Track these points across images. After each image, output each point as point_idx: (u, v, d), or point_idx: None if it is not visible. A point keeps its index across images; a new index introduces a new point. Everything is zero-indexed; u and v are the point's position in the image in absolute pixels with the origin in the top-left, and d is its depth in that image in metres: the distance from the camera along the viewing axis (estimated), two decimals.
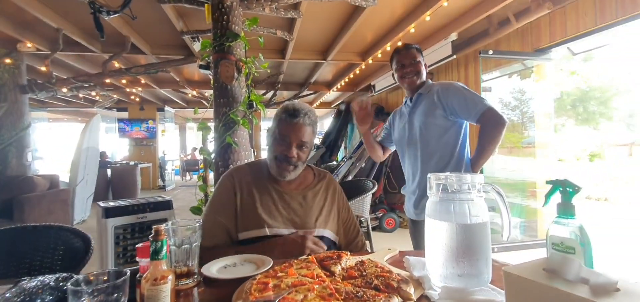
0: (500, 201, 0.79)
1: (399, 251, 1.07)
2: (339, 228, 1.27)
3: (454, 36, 3.87)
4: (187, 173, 12.27)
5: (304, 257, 0.94)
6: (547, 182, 0.74)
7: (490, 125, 1.52)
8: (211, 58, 2.49)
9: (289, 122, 1.19)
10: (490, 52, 3.58)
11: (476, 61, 4.25)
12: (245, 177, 1.26)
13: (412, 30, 3.75)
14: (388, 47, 4.32)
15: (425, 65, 1.79)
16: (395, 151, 1.95)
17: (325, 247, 1.12)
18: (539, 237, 3.51)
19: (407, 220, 1.87)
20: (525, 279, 0.56)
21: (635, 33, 2.98)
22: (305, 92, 7.38)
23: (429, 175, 0.83)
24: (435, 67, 4.62)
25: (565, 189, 0.68)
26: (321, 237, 1.18)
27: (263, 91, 6.73)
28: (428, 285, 0.78)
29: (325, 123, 11.17)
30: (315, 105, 9.73)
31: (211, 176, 2.52)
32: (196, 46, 3.98)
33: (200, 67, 4.21)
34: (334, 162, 6.79)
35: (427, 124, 1.67)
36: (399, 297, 0.73)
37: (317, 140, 9.45)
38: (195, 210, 2.39)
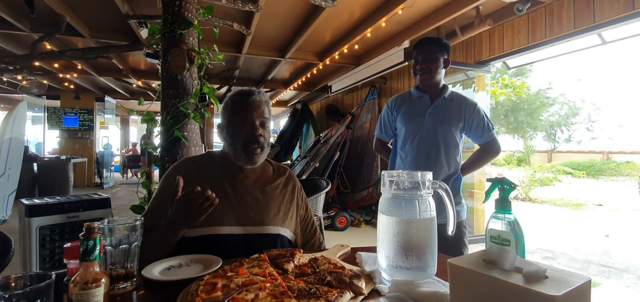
0: (446, 197, 0.84)
1: (351, 248, 1.09)
2: (297, 226, 1.24)
3: (406, 43, 4.06)
4: (128, 170, 11.42)
5: (256, 255, 0.91)
6: (488, 180, 0.80)
7: (491, 152, 1.81)
8: (160, 46, 2.33)
9: (247, 101, 1.16)
10: None
11: None
12: (194, 170, 1.19)
13: (369, 35, 3.87)
14: (345, 50, 4.40)
15: (444, 65, 1.75)
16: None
17: (214, 196, 1.00)
18: (475, 233, 3.83)
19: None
20: (467, 270, 0.60)
21: (559, 53, 3.38)
22: (261, 89, 7.24)
23: (382, 172, 0.86)
24: (388, 72, 4.81)
25: (503, 187, 0.74)
26: (277, 236, 1.14)
27: (217, 86, 6.48)
28: (379, 279, 0.80)
29: (281, 122, 11.07)
30: (271, 103, 9.59)
31: (157, 172, 2.36)
32: (143, 33, 3.70)
33: (147, 55, 3.93)
34: (289, 162, 6.75)
35: (447, 134, 1.72)
36: (351, 292, 0.73)
37: (272, 139, 9.34)
38: (137, 209, 2.21)
